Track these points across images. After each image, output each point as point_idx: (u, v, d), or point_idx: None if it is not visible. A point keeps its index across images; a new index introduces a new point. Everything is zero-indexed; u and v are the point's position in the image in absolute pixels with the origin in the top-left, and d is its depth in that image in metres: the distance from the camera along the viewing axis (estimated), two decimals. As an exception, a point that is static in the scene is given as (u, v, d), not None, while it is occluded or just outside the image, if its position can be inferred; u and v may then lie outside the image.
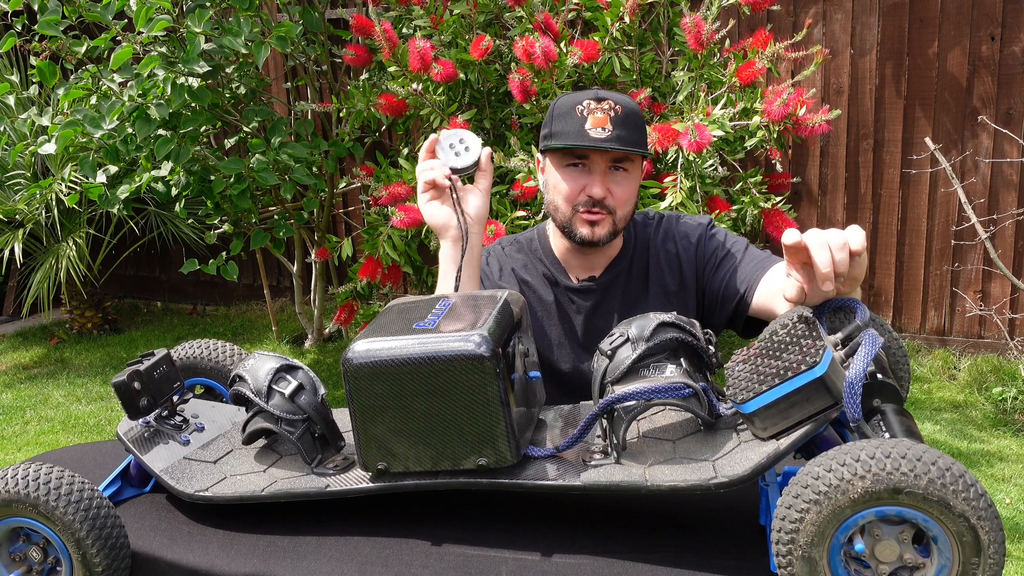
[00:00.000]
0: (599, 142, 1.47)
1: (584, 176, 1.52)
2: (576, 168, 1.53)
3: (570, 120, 1.49)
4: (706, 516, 1.12)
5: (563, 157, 1.53)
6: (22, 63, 4.95)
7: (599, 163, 1.51)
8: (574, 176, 1.53)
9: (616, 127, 1.47)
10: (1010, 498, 2.82)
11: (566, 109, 1.50)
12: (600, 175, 1.51)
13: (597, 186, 1.51)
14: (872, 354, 0.94)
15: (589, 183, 1.52)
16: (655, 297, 1.62)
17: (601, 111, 1.47)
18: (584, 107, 1.48)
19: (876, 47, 3.74)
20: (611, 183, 1.52)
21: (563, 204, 1.54)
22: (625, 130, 1.48)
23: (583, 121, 1.47)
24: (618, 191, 1.52)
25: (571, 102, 1.50)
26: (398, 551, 1.09)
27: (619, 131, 1.47)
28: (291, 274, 4.55)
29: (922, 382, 3.69)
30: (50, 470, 1.09)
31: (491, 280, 1.65)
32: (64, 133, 3.22)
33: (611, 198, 1.52)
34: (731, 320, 1.59)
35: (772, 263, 1.51)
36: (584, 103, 1.48)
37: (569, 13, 3.01)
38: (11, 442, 3.74)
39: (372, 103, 3.27)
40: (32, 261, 4.86)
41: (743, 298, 1.53)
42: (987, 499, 0.82)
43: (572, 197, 1.53)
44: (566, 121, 1.49)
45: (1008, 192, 3.67)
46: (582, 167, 1.52)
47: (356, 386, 1.05)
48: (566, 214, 1.55)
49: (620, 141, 1.47)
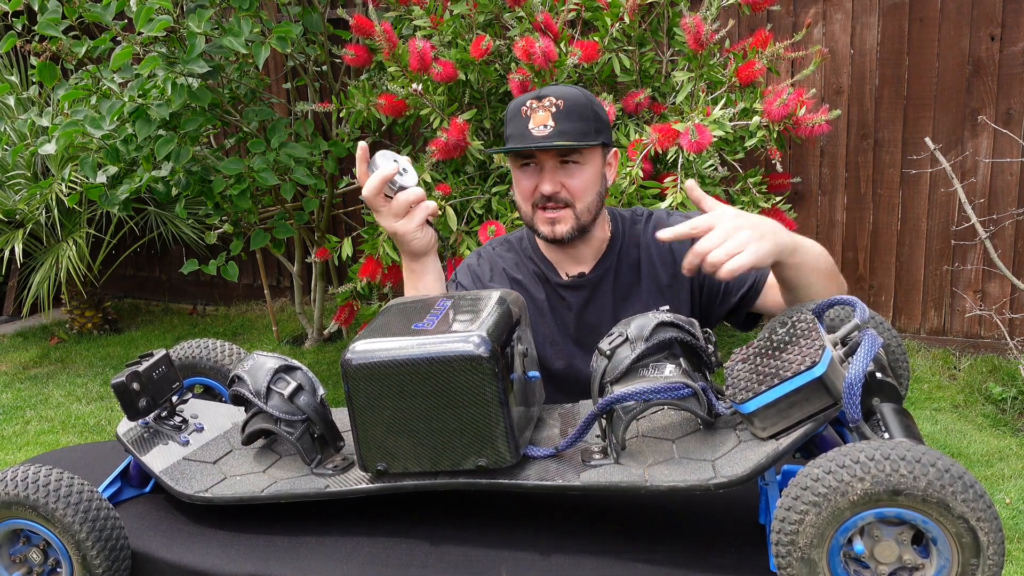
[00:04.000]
0: (539, 140, 1.49)
1: (536, 174, 1.55)
2: (528, 167, 1.56)
3: (516, 122, 1.53)
4: (706, 516, 1.12)
5: (515, 158, 1.57)
6: (22, 63, 4.95)
7: (547, 160, 1.54)
8: (527, 175, 1.56)
9: (559, 122, 1.49)
10: (1010, 498, 2.82)
11: (515, 111, 1.54)
12: (550, 171, 1.54)
13: (547, 183, 1.54)
14: (872, 354, 0.94)
15: (540, 180, 1.55)
16: (647, 291, 1.63)
17: (543, 109, 1.50)
18: (527, 107, 1.51)
19: (876, 47, 3.74)
20: (563, 177, 1.54)
21: (523, 204, 1.59)
22: (568, 123, 1.50)
23: (527, 121, 1.51)
24: (572, 183, 1.54)
25: (518, 104, 1.54)
26: (398, 551, 1.09)
27: (562, 125, 1.50)
28: (291, 274, 4.56)
29: (922, 382, 3.69)
30: (49, 472, 1.09)
31: (482, 281, 1.66)
32: (64, 133, 3.22)
33: (565, 191, 1.54)
34: (733, 311, 1.60)
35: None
36: (528, 103, 1.52)
37: (569, 13, 3.01)
38: (11, 442, 3.75)
39: (372, 103, 3.27)
40: (32, 261, 4.86)
41: (751, 288, 1.55)
42: (986, 500, 0.82)
43: (528, 196, 1.57)
44: (514, 124, 1.53)
45: (1008, 192, 3.67)
46: (533, 166, 1.55)
47: (355, 386, 1.05)
48: (528, 213, 1.59)
49: (563, 136, 1.49)
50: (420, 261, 1.51)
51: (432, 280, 1.52)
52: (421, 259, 1.51)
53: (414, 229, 1.45)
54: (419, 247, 1.48)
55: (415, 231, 1.45)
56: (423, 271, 1.52)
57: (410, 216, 1.44)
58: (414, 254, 1.50)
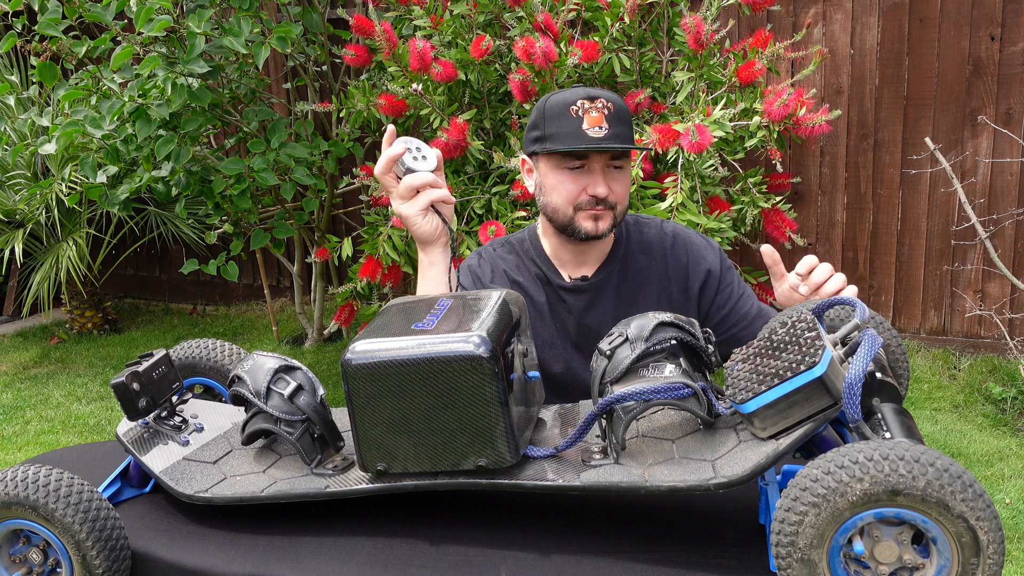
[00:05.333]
0: (600, 142, 1.47)
1: (583, 176, 1.52)
2: (577, 170, 1.53)
3: (565, 121, 1.48)
4: (706, 516, 1.12)
5: (561, 159, 1.53)
6: (22, 63, 4.95)
7: (598, 162, 1.51)
8: (574, 177, 1.53)
9: (612, 125, 1.48)
10: (1010, 498, 2.82)
11: (560, 110, 1.49)
12: (601, 174, 1.52)
13: (600, 185, 1.51)
14: (872, 354, 0.94)
15: (591, 183, 1.52)
16: (654, 301, 1.63)
17: (596, 110, 1.48)
18: (579, 107, 1.48)
19: (876, 47, 3.74)
20: (610, 180, 1.53)
21: (563, 205, 1.54)
22: (620, 127, 1.49)
23: (579, 122, 1.47)
24: (617, 188, 1.54)
25: (564, 102, 1.49)
26: (398, 551, 1.09)
27: (615, 129, 1.48)
28: (291, 274, 4.56)
29: (922, 382, 3.69)
30: (49, 472, 1.09)
31: (483, 282, 1.65)
32: (64, 133, 3.22)
33: (612, 195, 1.53)
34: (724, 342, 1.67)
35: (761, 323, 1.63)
36: (578, 103, 1.48)
37: (569, 13, 3.01)
38: (11, 442, 3.75)
39: (372, 103, 3.27)
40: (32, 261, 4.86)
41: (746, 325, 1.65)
42: (986, 499, 0.82)
43: (573, 197, 1.53)
44: (561, 122, 1.49)
45: (1008, 192, 3.67)
46: (582, 168, 1.52)
47: (355, 387, 1.05)
48: (567, 214, 1.55)
49: (618, 139, 1.48)
50: (427, 251, 1.50)
51: (438, 273, 1.50)
52: (427, 248, 1.49)
53: (416, 213, 1.44)
54: (422, 234, 1.47)
55: (416, 215, 1.44)
56: (429, 262, 1.50)
57: (414, 200, 1.43)
58: (420, 241, 1.49)
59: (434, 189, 1.43)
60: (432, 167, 1.44)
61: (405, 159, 1.43)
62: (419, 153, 1.44)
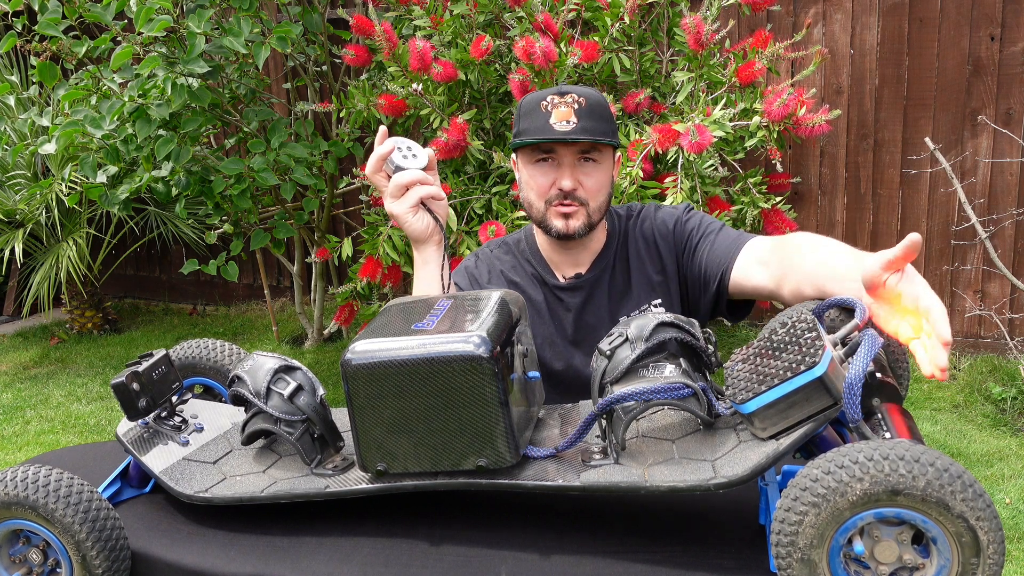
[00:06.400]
0: (564, 134, 1.49)
1: (553, 170, 1.54)
2: (545, 163, 1.55)
3: (536, 116, 1.51)
4: (706, 516, 1.12)
5: (531, 153, 1.55)
6: (22, 63, 4.95)
7: (567, 156, 1.53)
8: (544, 171, 1.55)
9: (581, 119, 1.49)
10: (1010, 498, 2.82)
11: (532, 106, 1.52)
12: (569, 167, 1.53)
13: (567, 178, 1.53)
14: (872, 354, 0.94)
15: (559, 176, 1.54)
16: (639, 288, 1.63)
17: (565, 105, 1.49)
18: (548, 102, 1.50)
19: (876, 47, 3.74)
20: (581, 174, 1.54)
21: (536, 200, 1.57)
22: (591, 121, 1.50)
23: (548, 116, 1.50)
24: (588, 182, 1.54)
25: (536, 99, 1.52)
26: (398, 551, 1.09)
27: (584, 123, 1.49)
28: (291, 274, 4.56)
29: (922, 382, 3.69)
30: (49, 472, 1.09)
31: (480, 284, 1.66)
32: (64, 133, 3.22)
33: (582, 189, 1.54)
34: (715, 304, 1.59)
35: (746, 240, 1.52)
36: (548, 98, 1.51)
37: (569, 13, 3.01)
38: (11, 442, 3.74)
39: (372, 103, 3.27)
40: (32, 261, 4.86)
41: (722, 278, 1.53)
42: (986, 499, 0.82)
43: (543, 191, 1.55)
44: (532, 118, 1.52)
45: (1008, 192, 3.67)
46: (551, 161, 1.54)
47: (355, 387, 1.05)
48: (540, 209, 1.57)
49: (586, 132, 1.49)
50: (420, 249, 1.51)
51: (431, 272, 1.51)
52: (421, 247, 1.50)
53: (406, 211, 1.45)
54: (414, 231, 1.47)
55: (407, 212, 1.45)
56: (423, 260, 1.51)
57: (404, 197, 1.45)
58: (413, 240, 1.50)
59: (423, 186, 1.44)
60: (422, 165, 1.45)
61: (394, 157, 1.44)
62: (409, 152, 1.45)
